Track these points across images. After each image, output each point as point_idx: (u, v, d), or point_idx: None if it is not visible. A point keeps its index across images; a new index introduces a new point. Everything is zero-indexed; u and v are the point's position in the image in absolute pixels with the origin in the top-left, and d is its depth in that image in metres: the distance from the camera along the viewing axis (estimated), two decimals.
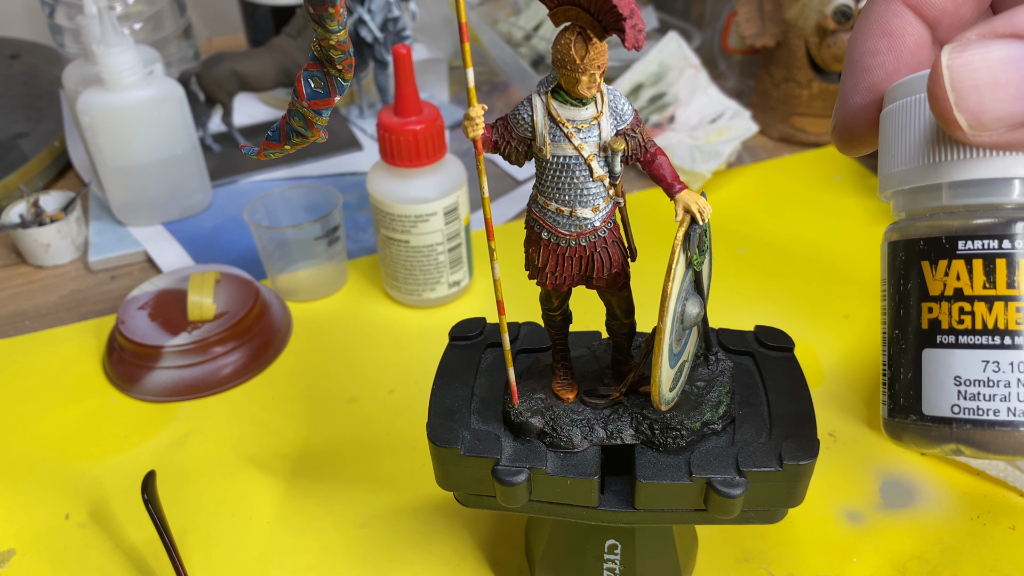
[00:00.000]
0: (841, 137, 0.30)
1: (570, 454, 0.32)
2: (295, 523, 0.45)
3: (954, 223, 0.26)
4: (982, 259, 0.25)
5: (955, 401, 0.26)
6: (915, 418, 0.27)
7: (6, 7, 0.98)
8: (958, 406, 0.26)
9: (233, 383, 0.53)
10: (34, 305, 0.61)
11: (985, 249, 0.25)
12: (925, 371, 0.27)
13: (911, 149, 0.26)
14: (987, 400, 0.25)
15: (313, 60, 0.27)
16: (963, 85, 0.22)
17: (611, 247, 0.30)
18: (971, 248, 0.26)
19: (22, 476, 0.48)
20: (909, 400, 0.27)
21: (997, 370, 0.25)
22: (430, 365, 0.37)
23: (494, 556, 0.43)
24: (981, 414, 0.25)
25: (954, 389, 0.26)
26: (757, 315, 0.57)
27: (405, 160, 0.52)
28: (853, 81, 0.29)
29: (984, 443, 0.26)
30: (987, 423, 0.25)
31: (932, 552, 0.42)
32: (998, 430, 0.25)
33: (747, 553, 0.42)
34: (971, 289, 0.26)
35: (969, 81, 0.22)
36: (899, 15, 0.28)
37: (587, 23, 0.25)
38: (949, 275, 0.26)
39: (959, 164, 0.25)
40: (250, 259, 0.64)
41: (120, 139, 0.62)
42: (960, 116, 0.23)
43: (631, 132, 0.28)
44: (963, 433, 0.26)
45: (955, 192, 0.26)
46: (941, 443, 0.26)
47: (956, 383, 0.26)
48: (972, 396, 0.25)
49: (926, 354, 0.27)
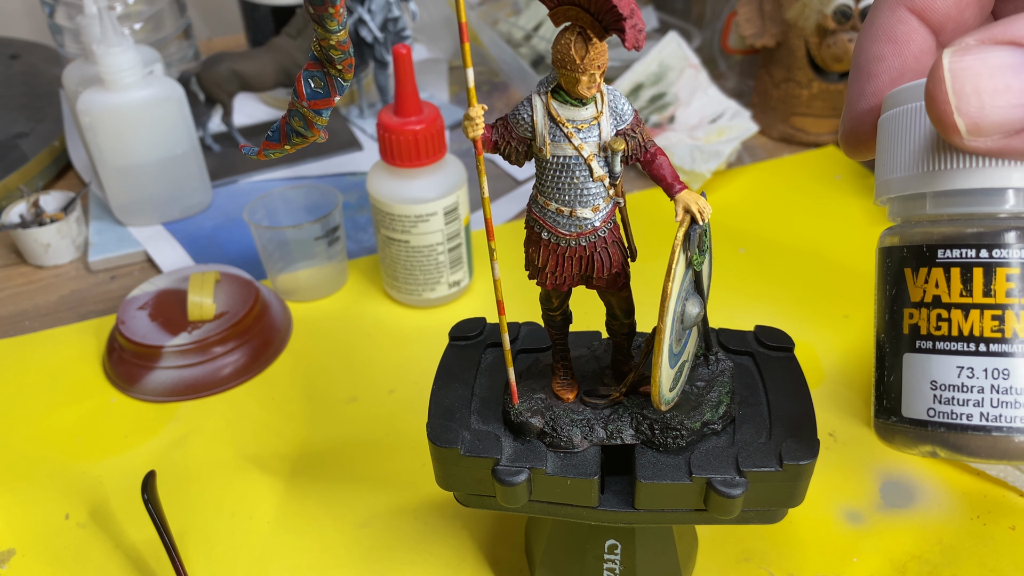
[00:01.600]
0: (848, 142, 0.30)
1: (570, 454, 0.32)
2: (295, 523, 0.45)
3: (935, 232, 0.27)
4: (960, 267, 0.26)
5: (931, 405, 0.27)
6: (895, 419, 0.28)
7: (6, 7, 0.98)
8: (933, 409, 0.27)
9: (233, 383, 0.53)
10: (34, 305, 0.61)
11: (963, 258, 0.26)
12: (905, 375, 0.28)
13: (905, 157, 0.27)
14: (961, 404, 0.26)
15: (313, 60, 0.27)
16: (964, 89, 0.22)
17: (611, 247, 0.30)
18: (949, 257, 0.26)
19: (22, 476, 0.48)
20: (892, 402, 0.28)
21: (971, 376, 0.26)
22: (430, 365, 0.37)
23: (494, 556, 0.43)
24: (955, 418, 0.26)
25: (930, 393, 0.27)
26: (757, 315, 0.57)
27: (405, 160, 0.52)
28: (859, 87, 0.29)
29: (958, 446, 0.26)
30: (961, 427, 0.26)
31: (932, 552, 0.42)
32: (971, 434, 0.26)
33: (747, 553, 0.42)
34: (948, 296, 0.26)
35: (970, 85, 0.22)
36: (903, 21, 0.28)
37: (587, 23, 0.25)
38: (928, 282, 0.27)
39: (945, 174, 0.26)
40: (250, 259, 0.64)
41: (120, 139, 0.62)
42: (959, 120, 0.22)
43: (631, 132, 0.28)
44: (938, 436, 0.27)
45: (938, 201, 0.27)
46: (919, 444, 0.27)
47: (932, 387, 0.27)
48: (947, 400, 0.26)
49: (906, 358, 0.28)
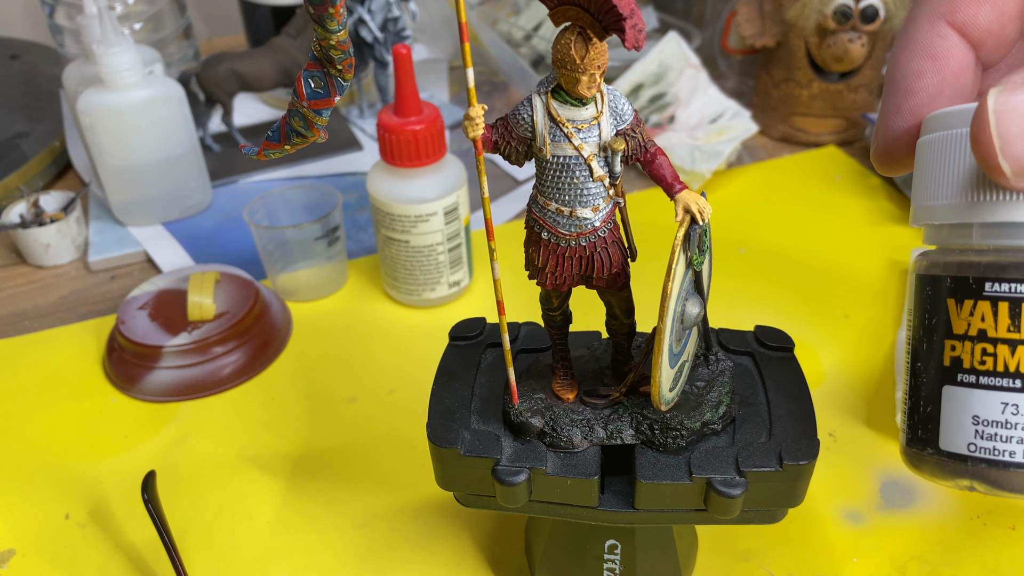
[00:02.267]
0: (881, 160, 0.30)
1: (570, 454, 0.32)
2: (295, 523, 0.45)
3: (983, 262, 0.26)
4: (1008, 302, 0.25)
5: (972, 440, 0.26)
6: (931, 451, 0.27)
7: (6, 7, 0.98)
8: (975, 444, 0.26)
9: (233, 383, 0.53)
10: (34, 305, 0.61)
11: (1012, 292, 0.25)
12: (944, 407, 0.27)
13: (948, 185, 0.26)
14: (1004, 441, 0.26)
15: (313, 60, 0.27)
16: (1009, 131, 0.22)
17: (611, 247, 0.30)
18: (998, 291, 0.26)
19: (22, 476, 0.48)
20: (927, 433, 0.28)
21: (1016, 413, 0.25)
22: (430, 365, 0.37)
23: (494, 556, 0.43)
24: (997, 454, 0.26)
25: (972, 428, 0.26)
26: (757, 315, 0.57)
27: (405, 160, 0.52)
28: (896, 103, 0.28)
29: (999, 482, 0.26)
30: (1003, 464, 0.26)
31: (932, 552, 0.42)
32: (1013, 471, 0.26)
33: (747, 553, 0.42)
34: (995, 331, 0.26)
35: (1016, 128, 0.22)
36: (944, 36, 0.27)
37: (587, 23, 0.25)
38: (974, 315, 0.26)
39: (994, 205, 0.25)
40: (250, 259, 0.64)
41: (120, 139, 0.62)
42: (1004, 163, 0.22)
43: (631, 132, 0.28)
44: (979, 471, 0.26)
45: (986, 232, 0.26)
46: (956, 478, 0.27)
47: (974, 422, 0.26)
48: (989, 436, 0.26)
49: (946, 391, 0.27)
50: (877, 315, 0.57)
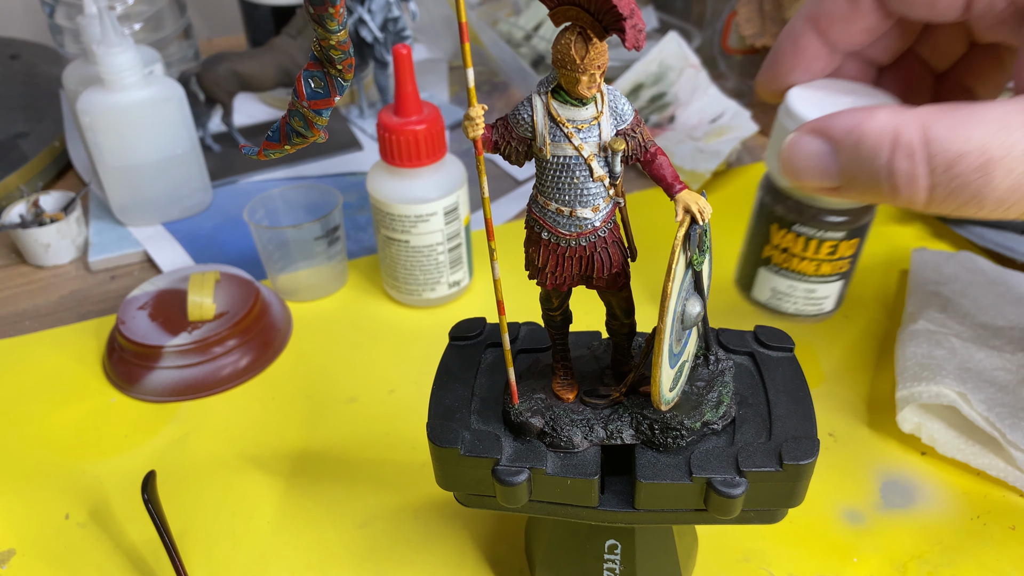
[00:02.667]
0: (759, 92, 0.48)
1: (570, 454, 0.32)
2: (295, 523, 0.45)
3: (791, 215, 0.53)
4: (803, 237, 0.51)
5: (769, 297, 0.55)
6: (747, 296, 0.57)
7: (6, 7, 0.98)
8: (770, 298, 0.55)
9: (233, 383, 0.53)
10: (34, 305, 0.61)
11: (803, 231, 0.51)
12: (757, 278, 0.55)
13: (776, 157, 0.44)
14: (782, 300, 0.55)
15: (313, 60, 0.27)
16: (791, 157, 0.37)
17: (611, 247, 0.30)
18: (798, 229, 0.50)
19: (22, 476, 0.48)
20: (745, 289, 0.57)
21: (793, 289, 0.54)
22: (430, 365, 0.37)
23: (494, 556, 0.43)
24: (778, 303, 0.55)
25: (769, 290, 0.54)
26: (757, 315, 0.57)
27: (405, 160, 0.52)
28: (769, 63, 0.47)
29: (780, 311, 0.55)
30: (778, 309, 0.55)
31: (932, 552, 0.42)
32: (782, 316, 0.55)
33: (747, 553, 0.42)
34: (794, 250, 0.51)
35: (795, 155, 0.37)
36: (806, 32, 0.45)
37: (587, 23, 0.25)
38: (785, 239, 0.52)
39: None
40: (250, 259, 0.64)
41: (120, 139, 0.62)
42: (786, 173, 0.38)
43: (631, 132, 0.28)
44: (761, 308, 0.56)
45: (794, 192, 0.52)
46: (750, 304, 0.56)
47: (771, 291, 0.54)
48: (778, 296, 0.55)
49: (760, 271, 0.54)
50: (877, 315, 0.57)
